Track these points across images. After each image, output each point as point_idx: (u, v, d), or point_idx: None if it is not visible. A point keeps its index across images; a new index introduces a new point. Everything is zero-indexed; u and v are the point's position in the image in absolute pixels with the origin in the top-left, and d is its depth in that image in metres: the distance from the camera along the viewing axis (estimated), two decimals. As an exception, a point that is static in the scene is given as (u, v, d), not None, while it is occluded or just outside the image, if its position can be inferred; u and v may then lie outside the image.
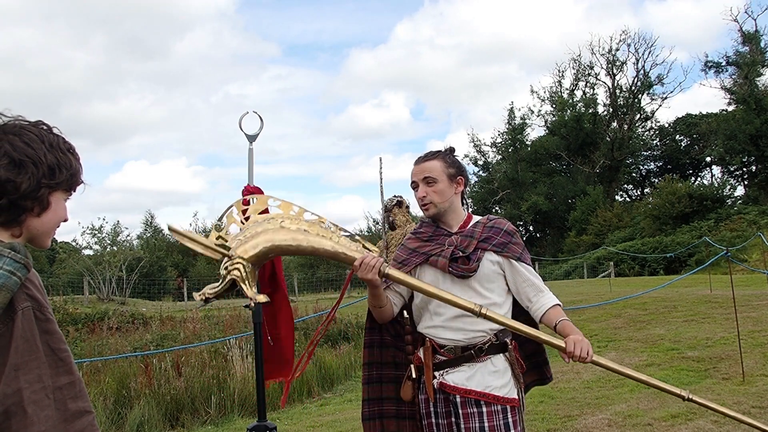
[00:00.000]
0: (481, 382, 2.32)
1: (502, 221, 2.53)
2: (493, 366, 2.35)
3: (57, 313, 12.98)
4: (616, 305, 11.73)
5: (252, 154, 3.48)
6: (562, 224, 42.59)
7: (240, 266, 2.16)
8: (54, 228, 1.53)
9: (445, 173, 2.45)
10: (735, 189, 37.84)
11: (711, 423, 4.80)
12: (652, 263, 27.08)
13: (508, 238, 2.45)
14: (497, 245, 2.42)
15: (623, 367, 2.39)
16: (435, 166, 2.45)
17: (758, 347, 7.40)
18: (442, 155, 2.50)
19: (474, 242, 2.41)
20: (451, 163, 2.48)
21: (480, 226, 2.47)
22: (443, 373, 2.37)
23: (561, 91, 45.47)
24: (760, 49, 35.06)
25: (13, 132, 1.45)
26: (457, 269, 2.36)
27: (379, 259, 2.27)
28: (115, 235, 29.48)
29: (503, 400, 2.32)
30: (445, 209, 2.47)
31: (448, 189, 2.45)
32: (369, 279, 2.24)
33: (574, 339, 2.25)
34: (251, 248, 2.18)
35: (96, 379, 7.20)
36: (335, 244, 2.26)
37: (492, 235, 2.44)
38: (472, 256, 2.38)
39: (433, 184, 2.44)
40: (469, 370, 2.34)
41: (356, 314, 11.08)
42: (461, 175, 2.50)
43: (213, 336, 8.98)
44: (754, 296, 11.35)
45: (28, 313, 1.37)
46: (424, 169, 2.46)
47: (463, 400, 2.32)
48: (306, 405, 7.39)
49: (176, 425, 6.71)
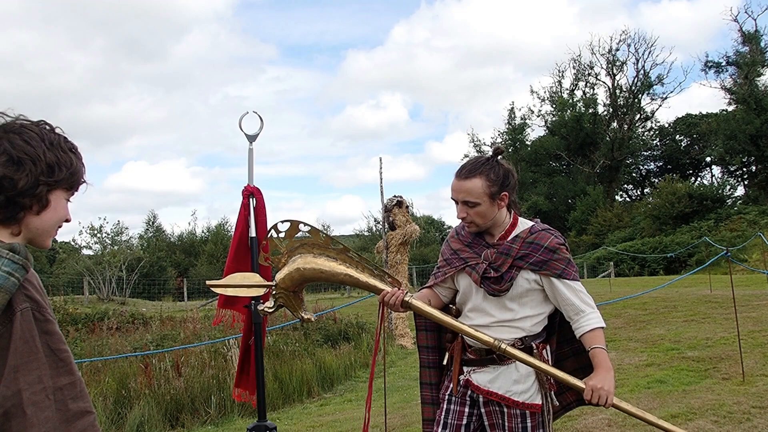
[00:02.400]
0: (503, 386, 2.35)
1: (544, 236, 2.35)
2: (517, 371, 2.35)
3: (57, 313, 12.96)
4: (616, 305, 11.72)
5: (252, 154, 3.48)
6: (562, 224, 42.58)
7: (283, 294, 2.44)
8: (54, 227, 1.52)
9: (487, 194, 2.29)
10: (735, 189, 37.93)
11: (711, 423, 4.80)
12: (652, 263, 27.08)
13: (548, 256, 2.31)
14: (534, 264, 2.31)
15: (644, 412, 2.32)
16: (476, 188, 2.28)
17: (758, 347, 7.39)
18: (485, 171, 2.30)
19: (509, 261, 2.31)
20: (494, 180, 2.30)
21: (519, 242, 2.34)
22: (471, 371, 2.42)
23: (561, 91, 45.52)
24: (760, 49, 35.07)
25: (13, 131, 1.45)
26: (488, 288, 2.33)
27: (402, 291, 2.33)
28: (115, 235, 29.50)
29: (523, 406, 2.34)
30: (488, 226, 2.38)
31: (490, 210, 2.32)
32: (394, 310, 2.36)
33: (593, 386, 2.20)
34: (288, 279, 2.41)
35: (96, 379, 7.20)
36: (359, 273, 2.40)
37: (530, 253, 2.31)
38: (506, 275, 2.31)
39: (474, 206, 2.30)
40: (494, 371, 2.37)
41: (356, 314, 11.09)
42: (505, 189, 2.33)
43: (213, 336, 8.98)
44: (754, 296, 11.35)
45: (27, 314, 1.37)
46: (463, 189, 2.31)
47: (486, 401, 2.39)
48: (306, 405, 7.39)
49: (176, 425, 6.71)
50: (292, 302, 2.44)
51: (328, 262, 2.39)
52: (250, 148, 3.47)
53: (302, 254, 2.40)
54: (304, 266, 2.37)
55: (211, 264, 34.69)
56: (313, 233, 2.42)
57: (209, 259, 35.94)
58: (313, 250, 2.40)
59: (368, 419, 2.49)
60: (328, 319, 10.82)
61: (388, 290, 2.33)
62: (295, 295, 2.45)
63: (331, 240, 2.40)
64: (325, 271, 2.38)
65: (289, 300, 2.44)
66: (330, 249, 2.40)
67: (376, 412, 5.59)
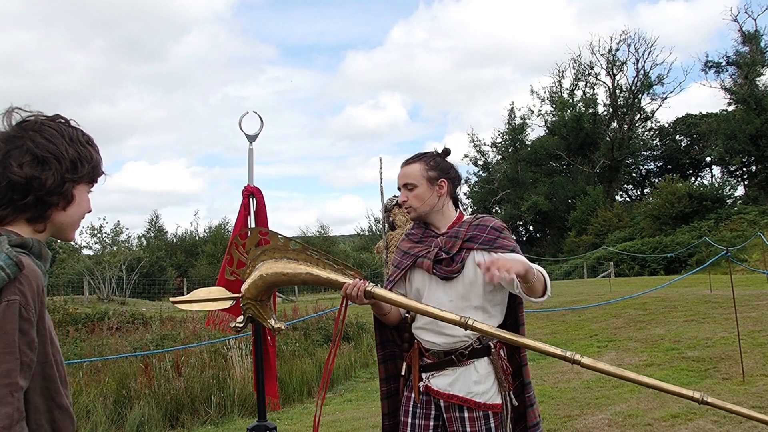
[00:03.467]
0: (464, 388, 2.32)
1: (488, 218, 2.43)
2: (476, 371, 2.33)
3: (57, 313, 12.94)
4: (616, 305, 11.72)
5: (252, 154, 3.48)
6: (562, 224, 42.59)
7: (250, 304, 2.39)
8: (79, 220, 1.55)
9: (425, 177, 2.40)
10: (735, 189, 37.84)
11: (711, 423, 4.80)
12: (652, 263, 27.07)
13: (495, 234, 2.36)
14: (484, 242, 2.34)
15: (609, 366, 2.21)
16: (413, 171, 2.42)
17: (758, 347, 7.39)
18: (424, 158, 2.44)
19: (458, 242, 2.35)
20: (433, 166, 2.42)
21: (465, 226, 2.40)
22: (429, 376, 2.39)
23: (561, 91, 45.49)
24: (760, 49, 35.04)
25: (33, 129, 1.46)
26: (440, 271, 2.34)
27: (363, 282, 2.28)
28: (115, 235, 29.49)
29: (485, 406, 2.31)
30: (426, 212, 2.43)
31: (427, 193, 2.40)
32: (357, 302, 2.30)
33: (492, 260, 2.10)
34: (253, 288, 2.38)
35: (96, 379, 7.20)
36: (320, 270, 2.36)
37: (478, 233, 2.36)
38: (456, 257, 2.33)
39: (412, 188, 2.41)
40: (453, 374, 2.34)
41: (356, 314, 11.07)
42: (444, 177, 2.43)
43: (213, 336, 8.97)
44: (754, 296, 11.35)
45: (13, 306, 1.34)
46: (404, 173, 2.44)
47: (447, 405, 2.35)
48: (306, 405, 7.39)
49: (176, 425, 6.71)
50: (260, 312, 2.41)
51: (289, 264, 2.35)
52: (250, 148, 3.47)
53: (264, 261, 2.37)
54: (266, 272, 2.35)
55: (211, 264, 34.66)
56: (271, 237, 2.40)
57: (209, 259, 35.93)
58: (274, 255, 2.37)
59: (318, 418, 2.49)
60: (328, 319, 10.81)
61: (349, 282, 2.29)
62: (263, 304, 2.42)
63: (290, 241, 2.37)
64: (287, 273, 2.34)
65: (257, 310, 2.40)
66: (289, 250, 2.37)
67: (376, 412, 5.59)
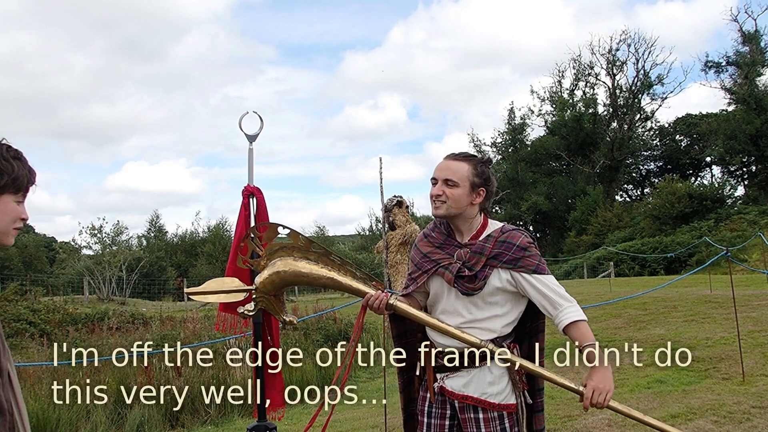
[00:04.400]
0: (478, 389, 2.33)
1: (516, 235, 2.37)
2: (490, 372, 2.34)
3: (57, 313, 12.97)
4: (616, 305, 11.71)
5: (252, 154, 3.48)
6: (562, 224, 42.58)
7: (263, 298, 2.43)
8: (9, 227, 1.63)
9: (469, 180, 2.34)
10: (735, 189, 37.85)
11: (711, 423, 4.80)
12: (652, 263, 27.06)
13: (520, 254, 2.32)
14: (508, 262, 2.32)
15: (641, 414, 2.35)
16: (461, 169, 2.34)
17: (758, 347, 7.39)
18: (474, 161, 2.38)
19: (483, 260, 2.32)
20: (479, 173, 2.35)
21: (491, 241, 2.35)
22: (444, 377, 2.40)
23: (561, 91, 45.46)
24: (760, 49, 35.03)
25: None
26: (462, 287, 2.33)
27: (386, 294, 2.34)
28: (115, 235, 29.50)
29: (499, 407, 2.33)
30: (455, 215, 2.37)
31: (465, 196, 2.34)
32: (378, 313, 2.36)
33: (595, 386, 2.23)
34: (268, 283, 2.41)
35: (96, 379, 7.19)
36: (342, 277, 2.40)
37: (503, 252, 2.32)
38: (479, 274, 2.31)
39: (453, 186, 2.33)
40: (467, 375, 2.35)
41: (356, 314, 11.08)
42: (485, 187, 2.37)
43: (213, 336, 8.97)
44: (754, 296, 11.35)
45: None
46: (449, 168, 2.35)
47: (462, 405, 2.36)
48: (306, 405, 7.38)
49: (176, 425, 6.70)
50: (273, 306, 2.44)
51: (308, 266, 2.37)
52: (250, 148, 3.46)
53: (282, 257, 2.38)
54: (284, 270, 2.36)
55: (211, 264, 34.66)
56: (293, 236, 2.40)
57: (209, 259, 35.93)
58: (293, 253, 2.38)
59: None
60: (328, 319, 10.81)
61: (372, 293, 2.33)
62: (276, 298, 2.44)
63: (311, 243, 2.38)
64: (306, 275, 2.37)
65: (270, 303, 2.43)
66: (310, 252, 2.38)
67: (377, 412, 5.60)
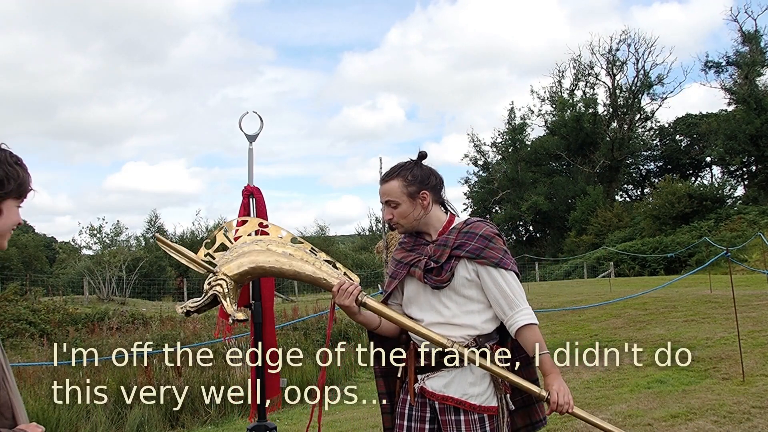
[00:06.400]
0: (459, 389, 2.30)
1: (479, 225, 2.36)
2: (472, 373, 2.30)
3: (57, 313, 12.97)
4: (616, 305, 11.72)
5: (252, 154, 3.48)
6: (562, 224, 42.57)
7: (222, 283, 2.26)
8: (8, 231, 1.69)
9: (405, 193, 2.33)
10: (735, 189, 37.84)
11: (711, 423, 4.80)
12: (652, 263, 27.07)
13: (483, 243, 2.30)
14: (471, 251, 2.29)
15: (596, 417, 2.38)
16: (393, 189, 2.35)
17: (758, 347, 7.39)
18: (401, 173, 2.36)
19: (447, 251, 2.31)
20: (411, 181, 2.34)
21: (455, 233, 2.35)
22: (424, 378, 2.36)
23: (561, 91, 45.49)
24: (760, 49, 35.05)
25: None
26: (431, 280, 2.32)
27: (358, 287, 2.29)
28: (115, 235, 29.51)
29: (480, 409, 2.29)
30: (413, 226, 2.39)
31: (410, 209, 2.35)
32: (346, 305, 2.27)
33: (557, 388, 2.22)
34: (236, 267, 2.28)
35: (96, 379, 7.20)
36: (317, 270, 2.32)
37: (466, 241, 2.31)
38: (445, 266, 2.30)
39: (395, 206, 2.35)
40: (448, 375, 2.31)
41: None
42: (425, 188, 2.35)
43: (213, 336, 8.98)
44: (754, 296, 11.35)
45: None
46: (384, 191, 2.37)
47: (442, 407, 2.32)
48: (306, 405, 7.38)
49: (176, 425, 6.71)
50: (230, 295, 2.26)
51: (284, 258, 2.31)
52: (250, 148, 3.46)
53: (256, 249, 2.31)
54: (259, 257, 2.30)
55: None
56: (273, 230, 2.37)
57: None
58: (269, 246, 2.32)
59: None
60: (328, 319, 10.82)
61: (345, 281, 2.27)
62: (236, 286, 2.32)
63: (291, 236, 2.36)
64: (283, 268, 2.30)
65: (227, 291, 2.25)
66: (287, 245, 2.33)
67: (376, 412, 5.59)
